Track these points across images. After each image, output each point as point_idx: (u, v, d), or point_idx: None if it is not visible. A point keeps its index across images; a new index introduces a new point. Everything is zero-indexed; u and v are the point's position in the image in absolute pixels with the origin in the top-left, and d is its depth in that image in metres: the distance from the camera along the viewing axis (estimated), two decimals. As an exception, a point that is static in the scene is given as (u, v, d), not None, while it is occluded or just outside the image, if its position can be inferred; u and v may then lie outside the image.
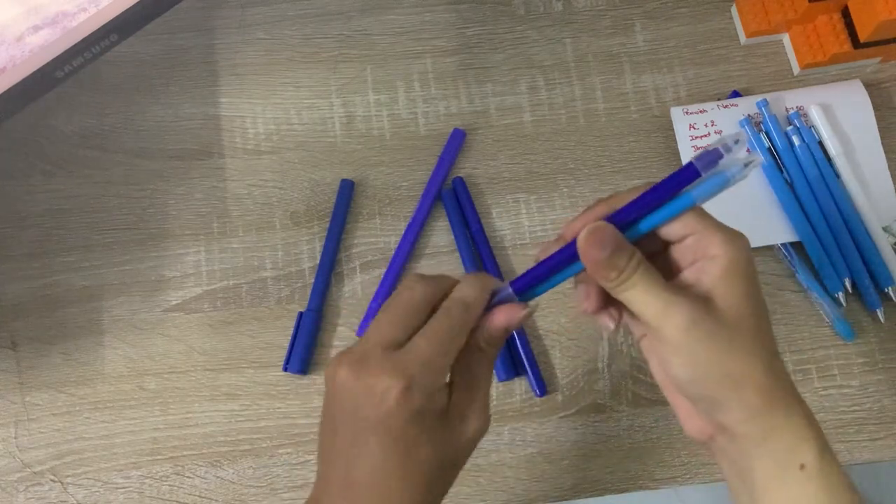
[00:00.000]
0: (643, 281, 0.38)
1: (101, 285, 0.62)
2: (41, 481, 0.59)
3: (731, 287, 0.38)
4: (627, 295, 0.39)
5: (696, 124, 0.63)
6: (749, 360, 0.37)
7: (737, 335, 0.37)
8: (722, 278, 0.38)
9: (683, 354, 0.38)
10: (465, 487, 0.58)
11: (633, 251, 0.39)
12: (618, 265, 0.38)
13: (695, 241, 0.39)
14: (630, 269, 0.38)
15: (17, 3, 0.49)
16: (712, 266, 0.38)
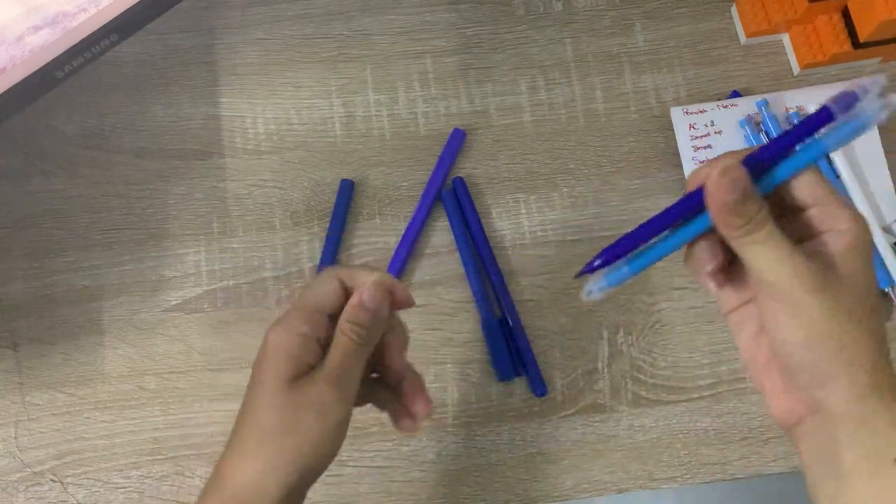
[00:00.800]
0: (773, 236, 0.36)
1: (101, 285, 0.62)
2: (41, 481, 0.59)
3: (856, 262, 0.37)
4: (754, 249, 0.36)
5: (696, 124, 0.63)
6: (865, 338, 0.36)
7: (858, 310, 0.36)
8: (848, 252, 0.37)
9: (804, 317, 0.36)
10: (465, 487, 0.58)
11: (763, 203, 0.36)
12: (747, 212, 0.36)
13: (820, 212, 0.37)
14: (760, 220, 0.36)
15: (18, 4, 0.49)
16: (839, 239, 0.37)
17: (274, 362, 0.41)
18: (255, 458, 0.40)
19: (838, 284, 0.36)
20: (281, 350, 0.41)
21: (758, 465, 0.59)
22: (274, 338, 0.41)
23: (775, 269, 0.36)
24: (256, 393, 0.41)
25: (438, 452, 0.59)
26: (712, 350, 0.61)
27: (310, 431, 0.40)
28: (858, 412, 0.36)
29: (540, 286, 0.62)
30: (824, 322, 0.36)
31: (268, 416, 0.40)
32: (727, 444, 0.59)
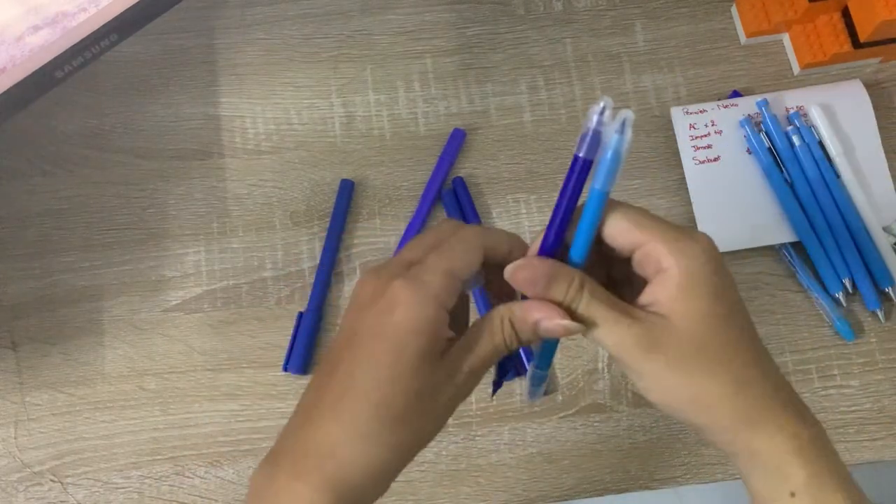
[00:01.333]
0: (592, 310, 0.35)
1: (101, 285, 0.62)
2: (41, 481, 0.59)
3: (688, 303, 0.35)
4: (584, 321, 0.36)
5: (696, 124, 0.63)
6: (714, 383, 0.35)
7: (698, 357, 0.35)
8: (677, 295, 0.35)
9: (648, 381, 0.36)
10: (465, 487, 0.58)
11: (572, 276, 0.36)
12: (559, 292, 0.35)
13: (643, 255, 0.36)
14: (573, 298, 0.35)
15: (17, 3, 0.49)
16: (666, 281, 0.35)
17: (417, 337, 0.35)
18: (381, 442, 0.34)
19: (674, 335, 0.35)
20: (425, 323, 0.35)
21: (758, 465, 0.59)
22: (415, 313, 0.35)
23: (605, 341, 0.36)
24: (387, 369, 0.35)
25: (438, 452, 0.59)
26: (712, 350, 0.60)
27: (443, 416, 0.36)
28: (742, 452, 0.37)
29: (540, 286, 0.62)
30: (667, 380, 0.36)
31: (403, 398, 0.34)
32: (727, 445, 0.59)
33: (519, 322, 0.37)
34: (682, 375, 0.35)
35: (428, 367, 0.35)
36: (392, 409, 0.34)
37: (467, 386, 0.36)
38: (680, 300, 0.35)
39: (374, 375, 0.35)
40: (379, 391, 0.34)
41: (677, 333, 0.35)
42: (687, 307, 0.35)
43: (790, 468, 0.36)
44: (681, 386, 0.36)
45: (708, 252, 0.36)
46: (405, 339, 0.35)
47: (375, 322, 0.35)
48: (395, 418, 0.34)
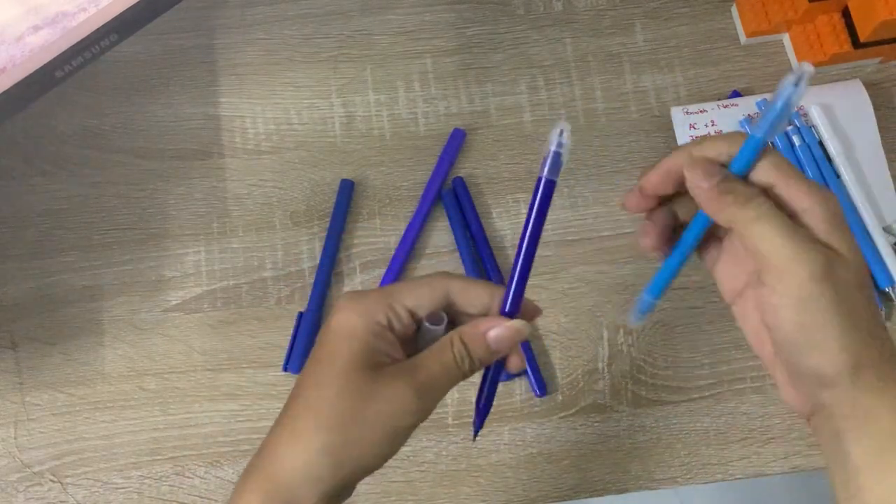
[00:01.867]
0: (774, 217, 0.34)
1: (101, 285, 0.62)
2: (41, 481, 0.59)
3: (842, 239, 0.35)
4: (755, 228, 0.35)
5: (697, 124, 0.63)
6: (861, 327, 0.34)
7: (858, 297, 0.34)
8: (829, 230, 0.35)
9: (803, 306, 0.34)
10: (465, 488, 0.58)
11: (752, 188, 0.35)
12: (735, 188, 0.35)
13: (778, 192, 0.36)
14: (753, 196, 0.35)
15: (17, 3, 0.49)
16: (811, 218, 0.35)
17: (347, 345, 0.37)
18: (310, 441, 0.36)
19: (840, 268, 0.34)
20: (356, 334, 0.37)
21: (758, 465, 0.59)
22: (347, 319, 0.37)
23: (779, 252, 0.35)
24: (322, 373, 0.37)
25: (438, 453, 0.59)
26: (713, 350, 0.61)
27: (377, 427, 0.36)
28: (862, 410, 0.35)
29: (539, 286, 0.62)
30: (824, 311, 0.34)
31: (333, 401, 0.36)
32: (727, 445, 0.59)
33: (468, 336, 0.38)
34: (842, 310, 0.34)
35: (359, 374, 0.36)
36: (321, 409, 0.36)
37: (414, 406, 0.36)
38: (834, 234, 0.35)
39: (310, 381, 0.37)
40: (312, 393, 0.37)
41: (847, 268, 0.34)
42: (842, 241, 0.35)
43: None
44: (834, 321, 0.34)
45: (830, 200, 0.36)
46: (335, 346, 0.37)
47: (320, 335, 0.38)
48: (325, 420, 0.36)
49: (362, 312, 0.37)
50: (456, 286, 0.39)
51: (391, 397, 0.36)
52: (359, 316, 0.37)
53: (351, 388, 0.36)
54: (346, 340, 0.37)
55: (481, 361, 0.38)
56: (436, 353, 0.38)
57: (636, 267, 0.62)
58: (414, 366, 0.37)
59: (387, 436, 0.36)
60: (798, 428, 0.59)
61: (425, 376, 0.37)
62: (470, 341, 0.38)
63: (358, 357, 0.36)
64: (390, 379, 0.36)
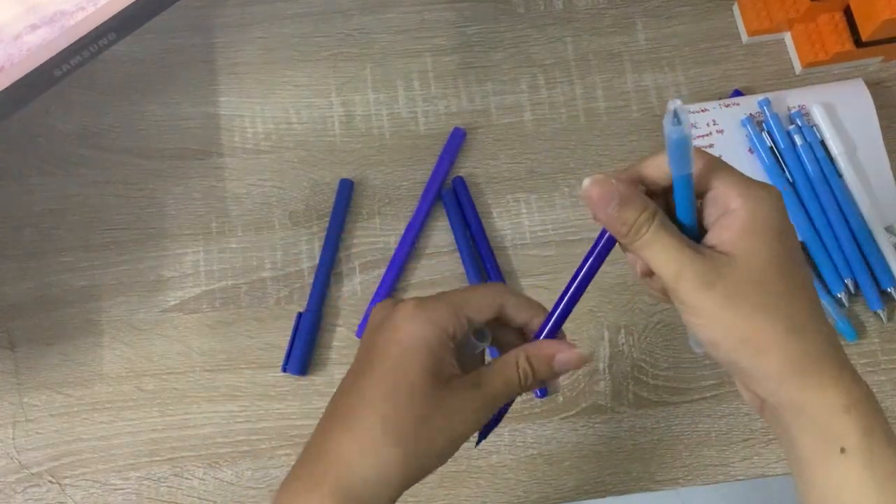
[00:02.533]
0: (659, 238, 0.36)
1: (100, 285, 0.62)
2: (39, 482, 0.58)
3: (751, 243, 0.35)
4: (644, 253, 0.37)
5: (698, 123, 0.63)
6: (770, 325, 0.35)
7: (757, 297, 0.35)
8: (741, 234, 0.35)
9: (702, 317, 0.36)
10: (465, 489, 0.58)
11: (646, 205, 0.36)
12: (627, 219, 0.36)
13: (713, 197, 0.37)
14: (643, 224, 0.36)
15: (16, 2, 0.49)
16: (732, 220, 0.36)
17: (417, 354, 0.37)
18: (383, 452, 0.36)
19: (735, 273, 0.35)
20: (424, 343, 0.37)
21: (760, 466, 0.58)
22: (418, 330, 0.38)
23: (666, 272, 0.36)
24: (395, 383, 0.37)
25: (438, 453, 0.59)
26: (714, 350, 0.60)
27: (444, 438, 0.37)
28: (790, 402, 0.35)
29: (540, 286, 0.62)
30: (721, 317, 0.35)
31: (406, 413, 0.36)
32: (729, 446, 0.59)
33: (536, 358, 0.39)
34: (739, 313, 0.35)
35: (429, 386, 0.37)
36: (396, 421, 0.36)
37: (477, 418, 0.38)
38: (744, 239, 0.35)
39: (380, 390, 0.37)
40: (385, 403, 0.37)
41: (739, 270, 0.35)
42: (751, 246, 0.35)
43: (841, 424, 0.34)
44: (735, 324, 0.35)
45: (774, 199, 0.36)
46: (407, 357, 0.37)
47: (383, 342, 0.38)
48: (398, 430, 0.36)
49: (430, 321, 0.38)
50: (511, 301, 0.40)
51: (460, 409, 0.37)
52: (427, 325, 0.38)
53: (424, 401, 0.37)
54: (417, 352, 0.37)
55: (542, 381, 0.40)
56: (500, 368, 0.39)
57: None
58: (480, 380, 0.38)
59: (450, 445, 0.37)
60: (800, 429, 0.59)
61: (490, 390, 0.38)
62: (537, 362, 0.39)
63: (429, 369, 0.37)
64: (459, 392, 0.37)
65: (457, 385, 0.38)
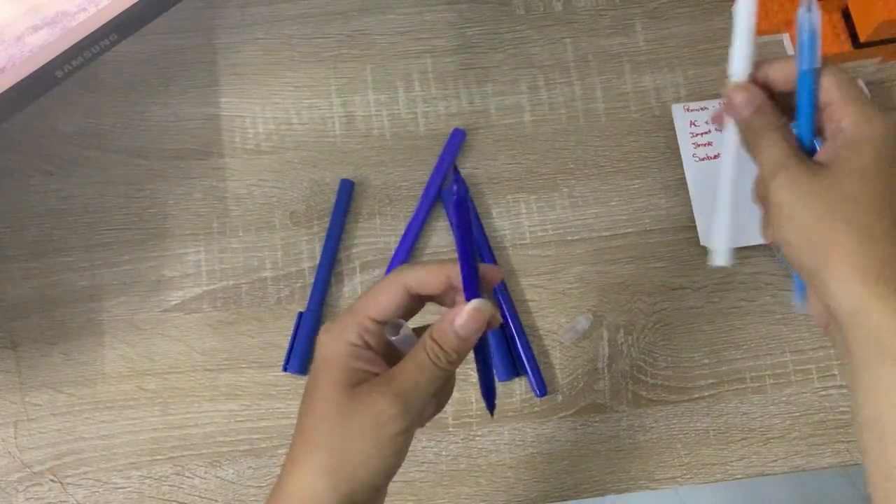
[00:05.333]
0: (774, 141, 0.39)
1: (101, 285, 0.62)
2: (41, 481, 0.59)
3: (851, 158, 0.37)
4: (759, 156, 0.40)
5: (697, 122, 0.63)
6: (846, 229, 0.36)
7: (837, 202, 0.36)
8: (843, 148, 0.37)
9: (784, 216, 0.38)
10: (465, 488, 0.58)
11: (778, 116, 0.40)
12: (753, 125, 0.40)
13: (831, 111, 0.39)
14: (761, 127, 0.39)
15: (17, 3, 0.49)
16: (840, 137, 0.38)
17: (325, 370, 0.39)
18: (305, 466, 0.37)
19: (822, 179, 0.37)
20: (331, 359, 0.39)
21: (758, 465, 0.59)
22: (323, 346, 0.39)
23: (766, 166, 0.39)
24: (309, 400, 0.39)
25: (438, 453, 0.59)
26: (712, 350, 0.61)
27: (365, 441, 0.37)
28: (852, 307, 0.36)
29: (540, 286, 0.62)
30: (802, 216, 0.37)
31: (318, 424, 0.38)
32: (727, 445, 0.59)
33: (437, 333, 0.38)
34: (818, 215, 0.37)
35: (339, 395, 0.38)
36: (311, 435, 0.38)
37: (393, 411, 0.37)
38: (844, 155, 0.38)
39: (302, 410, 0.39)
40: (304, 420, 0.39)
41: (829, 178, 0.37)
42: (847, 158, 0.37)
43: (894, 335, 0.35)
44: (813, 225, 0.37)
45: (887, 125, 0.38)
46: (318, 376, 0.39)
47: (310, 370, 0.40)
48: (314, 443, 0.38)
49: (336, 338, 0.39)
50: (410, 279, 0.40)
51: (370, 408, 0.37)
52: (333, 342, 0.39)
53: (333, 409, 0.38)
54: (325, 368, 0.39)
55: (457, 352, 0.39)
56: (411, 356, 0.39)
57: (636, 267, 0.62)
58: (391, 374, 0.38)
59: (377, 447, 0.37)
60: (798, 428, 0.59)
61: (401, 381, 0.38)
62: (439, 337, 0.38)
63: (336, 380, 0.38)
64: (367, 391, 0.38)
65: (367, 386, 0.38)
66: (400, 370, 0.39)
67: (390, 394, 0.37)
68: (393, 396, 0.37)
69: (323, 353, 0.39)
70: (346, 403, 0.37)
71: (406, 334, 0.40)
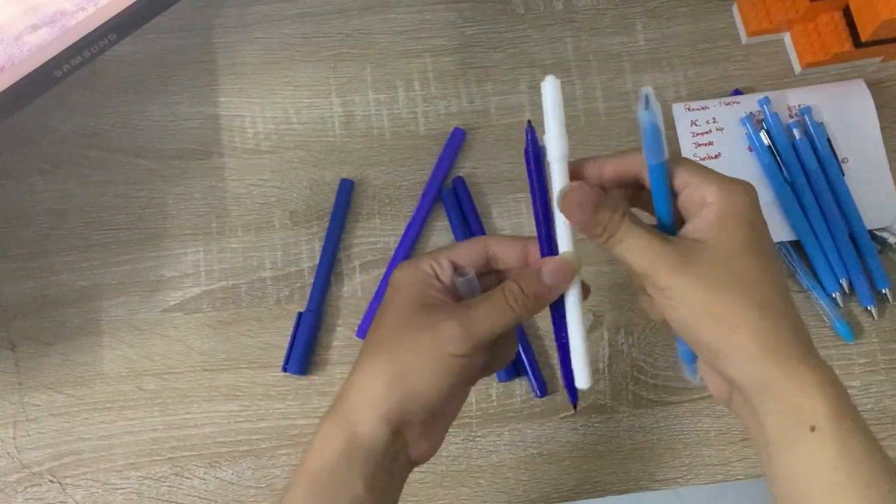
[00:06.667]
0: (631, 233, 0.38)
1: (100, 285, 0.62)
2: (40, 482, 0.58)
3: (724, 231, 0.37)
4: (619, 250, 0.39)
5: (698, 121, 0.63)
6: (741, 303, 0.36)
7: (728, 278, 0.36)
8: (716, 223, 0.37)
9: (675, 298, 0.37)
10: (465, 488, 0.58)
11: (616, 205, 0.39)
12: (601, 220, 0.39)
13: (690, 193, 0.39)
14: (614, 223, 0.38)
15: (16, 2, 0.49)
16: (707, 212, 0.38)
17: (398, 292, 0.41)
18: (367, 368, 0.40)
19: (706, 256, 0.37)
20: (404, 283, 0.41)
21: (759, 465, 0.58)
22: (395, 278, 0.42)
23: (638, 259, 0.38)
24: (380, 317, 0.41)
25: (438, 453, 0.59)
26: (713, 350, 0.60)
27: (426, 354, 0.39)
28: (760, 381, 0.36)
29: (540, 286, 0.62)
30: (694, 297, 0.37)
31: (386, 332, 0.40)
32: (728, 445, 0.59)
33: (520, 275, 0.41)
34: (711, 292, 0.37)
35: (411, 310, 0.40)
36: (378, 341, 0.40)
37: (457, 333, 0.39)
38: (717, 226, 0.37)
39: (374, 325, 0.42)
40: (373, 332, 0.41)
41: (710, 254, 0.37)
42: (722, 233, 0.37)
43: (811, 402, 0.35)
44: (708, 303, 0.37)
45: (748, 191, 0.38)
46: (394, 295, 0.41)
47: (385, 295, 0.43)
48: (379, 348, 0.40)
49: (411, 268, 0.42)
50: (493, 243, 0.43)
51: (434, 325, 0.39)
52: (407, 271, 0.42)
53: (401, 322, 0.40)
54: (398, 291, 0.41)
55: (536, 298, 0.40)
56: (486, 295, 0.41)
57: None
58: (462, 303, 0.41)
59: (435, 362, 0.39)
60: (799, 428, 0.59)
61: (470, 309, 0.40)
62: (522, 279, 0.40)
63: (410, 298, 0.41)
64: (435, 311, 0.40)
65: (438, 308, 0.40)
66: (472, 303, 0.40)
67: (456, 317, 0.39)
68: (458, 319, 0.39)
69: (395, 281, 0.42)
70: (414, 318, 0.40)
71: (471, 278, 0.42)
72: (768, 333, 0.36)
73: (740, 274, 0.37)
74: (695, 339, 0.38)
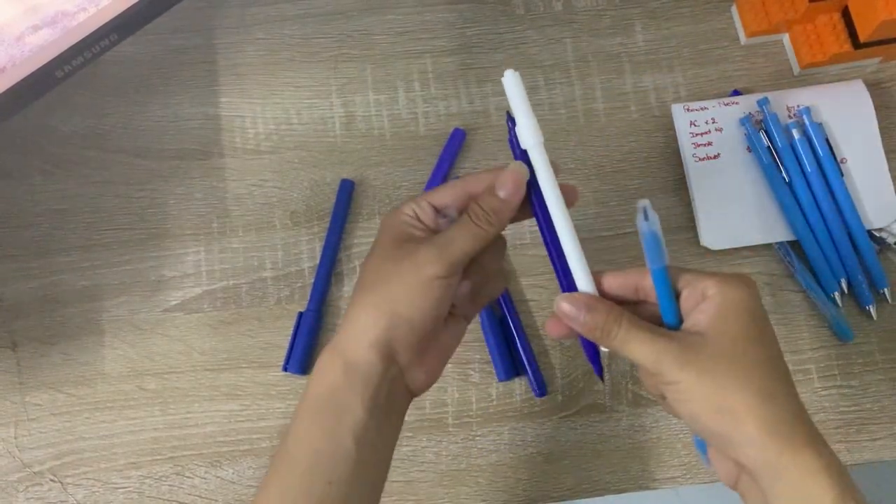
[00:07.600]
0: (631, 334, 0.40)
1: (101, 285, 0.62)
2: (41, 481, 0.59)
3: (725, 323, 0.39)
4: (627, 350, 0.41)
5: (697, 121, 0.63)
6: (745, 393, 0.38)
7: (730, 370, 0.38)
8: (716, 315, 0.39)
9: (683, 392, 0.39)
10: (465, 487, 0.58)
11: (610, 309, 0.41)
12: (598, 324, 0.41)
13: (691, 290, 0.41)
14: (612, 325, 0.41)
15: (17, 3, 0.49)
16: (707, 305, 0.40)
17: (383, 233, 0.44)
18: (357, 303, 0.43)
19: (708, 349, 0.39)
20: (387, 225, 0.44)
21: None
22: (383, 221, 0.45)
23: (645, 356, 0.40)
24: (369, 257, 0.45)
25: (438, 452, 0.59)
26: (712, 350, 0.60)
27: (404, 281, 0.42)
28: (768, 466, 0.38)
29: (540, 286, 0.62)
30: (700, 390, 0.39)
31: (372, 269, 0.43)
32: (727, 445, 0.59)
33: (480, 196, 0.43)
34: (714, 384, 0.38)
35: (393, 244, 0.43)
36: (366, 278, 0.43)
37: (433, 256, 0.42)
38: (718, 320, 0.39)
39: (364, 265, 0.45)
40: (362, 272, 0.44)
41: (711, 347, 0.39)
42: (724, 326, 0.39)
43: (818, 486, 0.37)
44: (713, 394, 0.38)
45: (748, 283, 0.41)
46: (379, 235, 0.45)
47: None
48: (367, 283, 0.43)
49: (396, 212, 0.45)
50: (469, 178, 0.45)
51: (413, 255, 0.42)
52: (392, 215, 0.45)
53: (384, 258, 0.43)
54: (383, 231, 0.45)
55: (496, 211, 0.43)
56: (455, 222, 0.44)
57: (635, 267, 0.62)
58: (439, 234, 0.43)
59: (416, 286, 0.42)
60: (798, 428, 0.59)
61: (442, 235, 0.43)
62: (481, 199, 0.43)
63: (390, 237, 0.44)
64: (414, 244, 0.43)
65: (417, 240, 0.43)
66: (444, 232, 0.43)
67: (431, 244, 0.42)
68: (432, 245, 0.42)
69: (380, 227, 0.45)
70: (395, 253, 0.43)
71: (454, 218, 0.45)
72: (773, 419, 0.38)
73: (741, 365, 0.39)
74: (704, 429, 0.40)
